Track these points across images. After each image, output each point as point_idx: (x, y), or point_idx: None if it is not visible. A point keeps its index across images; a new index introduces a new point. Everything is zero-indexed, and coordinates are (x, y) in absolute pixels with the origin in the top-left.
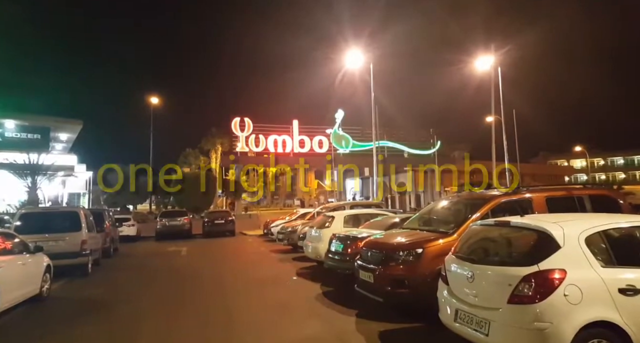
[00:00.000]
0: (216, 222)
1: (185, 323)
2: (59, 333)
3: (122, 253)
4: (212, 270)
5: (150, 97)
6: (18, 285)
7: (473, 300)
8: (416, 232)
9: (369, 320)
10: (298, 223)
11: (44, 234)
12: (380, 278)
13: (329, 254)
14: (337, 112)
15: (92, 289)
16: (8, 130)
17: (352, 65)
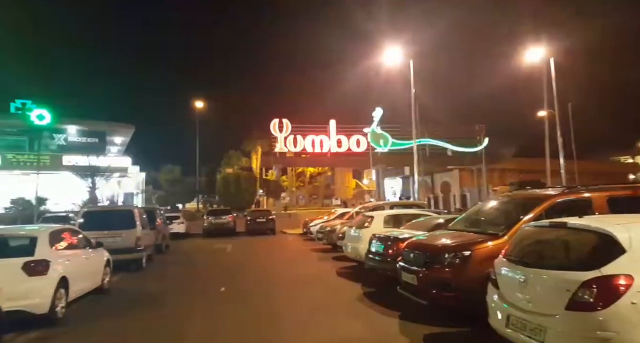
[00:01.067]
0: (258, 221)
1: (230, 317)
2: (121, 322)
3: (172, 250)
4: (256, 267)
5: (196, 101)
6: (83, 277)
7: (526, 305)
8: (463, 234)
9: (412, 323)
10: (337, 223)
11: (103, 231)
12: (425, 281)
13: (369, 254)
14: (375, 110)
15: (146, 282)
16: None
17: (391, 61)
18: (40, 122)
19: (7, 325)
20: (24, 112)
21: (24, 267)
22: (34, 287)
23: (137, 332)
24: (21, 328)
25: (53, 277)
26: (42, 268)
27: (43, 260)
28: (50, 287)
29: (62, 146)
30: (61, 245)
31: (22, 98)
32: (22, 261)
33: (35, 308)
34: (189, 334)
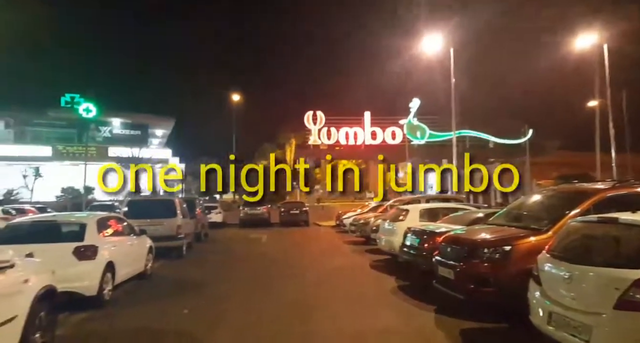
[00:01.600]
0: (291, 212)
1: (266, 305)
2: (163, 306)
3: (211, 238)
4: (290, 257)
5: (233, 94)
6: (128, 262)
7: (571, 303)
8: (503, 228)
9: (448, 317)
10: (370, 216)
11: (146, 219)
12: (462, 276)
13: (404, 248)
14: (411, 101)
15: (186, 269)
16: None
17: (430, 50)
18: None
19: (60, 305)
20: (72, 106)
21: (75, 252)
22: (84, 270)
23: (178, 316)
24: (73, 309)
25: (100, 262)
26: (91, 253)
27: (92, 246)
28: (98, 271)
29: (108, 138)
30: (108, 232)
31: (71, 92)
32: (72, 246)
33: (84, 290)
34: (227, 319)
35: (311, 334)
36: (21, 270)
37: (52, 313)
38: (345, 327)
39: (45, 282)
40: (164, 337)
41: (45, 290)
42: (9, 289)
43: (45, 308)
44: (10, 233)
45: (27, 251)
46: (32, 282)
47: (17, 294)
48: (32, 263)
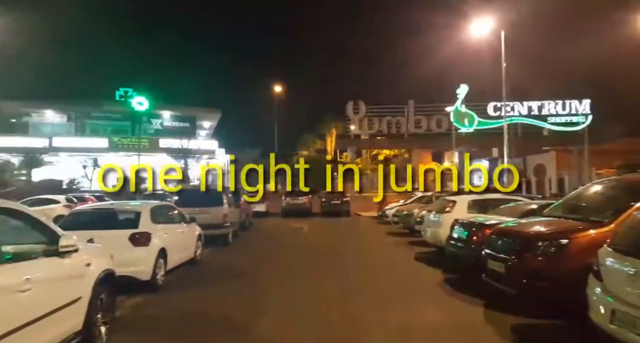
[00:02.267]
0: (333, 202)
1: (311, 294)
2: (212, 291)
3: (255, 227)
4: (332, 247)
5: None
6: (179, 249)
7: (637, 300)
8: (559, 221)
9: (499, 312)
10: (414, 207)
11: (195, 208)
12: (514, 270)
13: (451, 240)
14: (459, 87)
15: (232, 256)
16: (165, 120)
17: (478, 33)
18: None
19: (118, 289)
20: (126, 99)
21: (130, 238)
22: (139, 256)
23: (226, 301)
24: (129, 293)
25: (154, 248)
26: (145, 239)
27: (146, 233)
28: (151, 257)
29: (158, 130)
30: (160, 220)
31: (125, 87)
32: (128, 233)
33: (139, 274)
34: (271, 305)
35: (354, 325)
36: (84, 254)
37: (111, 295)
38: (389, 318)
39: (105, 266)
40: (213, 321)
41: (105, 273)
42: (74, 271)
43: (106, 290)
44: (73, 220)
45: (88, 237)
46: (94, 266)
47: (81, 277)
48: (94, 248)
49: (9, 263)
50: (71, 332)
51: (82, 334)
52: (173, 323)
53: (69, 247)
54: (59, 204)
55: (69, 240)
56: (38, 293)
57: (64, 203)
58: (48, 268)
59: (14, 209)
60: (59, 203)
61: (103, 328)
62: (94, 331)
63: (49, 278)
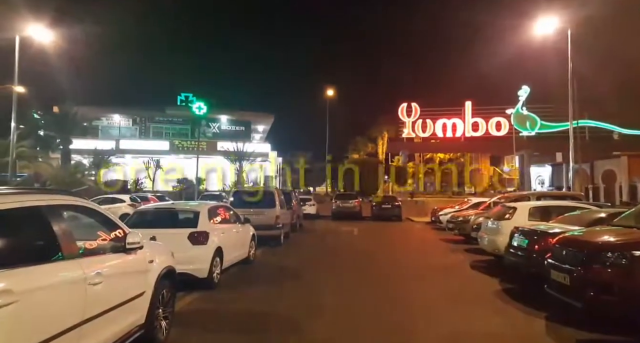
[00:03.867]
0: (383, 207)
1: (363, 297)
2: (266, 290)
3: (305, 229)
4: (383, 252)
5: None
6: (234, 248)
7: None
8: (632, 231)
9: (561, 325)
10: (470, 213)
11: (249, 209)
12: (580, 281)
13: (510, 249)
14: (520, 89)
15: (284, 257)
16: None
17: (542, 32)
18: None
19: (178, 285)
20: (187, 104)
21: (189, 237)
22: (197, 254)
23: (280, 300)
24: (188, 289)
25: (211, 247)
26: (203, 238)
27: (204, 232)
28: (208, 255)
29: (216, 133)
30: (217, 220)
31: (185, 92)
32: (188, 231)
33: (197, 272)
34: (323, 307)
35: (407, 333)
36: (148, 251)
37: (171, 291)
38: (443, 327)
39: (167, 262)
40: (267, 319)
41: (167, 270)
42: (139, 267)
43: (167, 286)
44: (137, 219)
45: (150, 235)
46: (157, 262)
47: (145, 272)
48: (156, 245)
49: (83, 257)
50: (135, 325)
51: (145, 327)
52: (229, 320)
53: (135, 244)
54: (124, 203)
55: (134, 238)
56: (108, 286)
57: (129, 203)
58: (116, 264)
59: (88, 207)
60: (124, 202)
61: (164, 322)
62: (156, 325)
63: (117, 273)
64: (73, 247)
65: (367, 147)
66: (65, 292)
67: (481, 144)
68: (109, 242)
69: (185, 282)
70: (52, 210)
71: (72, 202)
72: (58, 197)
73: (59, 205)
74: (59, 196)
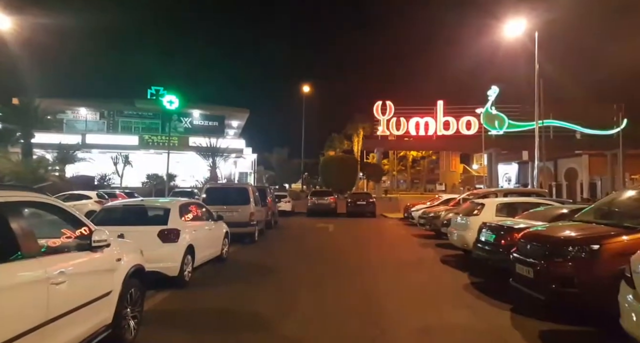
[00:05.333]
0: (358, 203)
1: (336, 292)
2: (239, 288)
3: (280, 226)
4: (357, 248)
5: (303, 86)
6: (206, 246)
7: None
8: (591, 226)
9: (526, 317)
10: (441, 209)
11: (223, 206)
12: (543, 275)
13: (478, 244)
14: (490, 89)
15: (258, 255)
16: (195, 119)
17: (511, 34)
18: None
19: (147, 284)
20: (157, 98)
21: (159, 234)
22: (167, 252)
23: (253, 298)
24: (158, 288)
25: (182, 245)
26: (174, 236)
27: (174, 229)
28: (179, 253)
29: (188, 129)
30: (189, 217)
31: (156, 85)
32: (158, 229)
33: (167, 270)
34: (298, 304)
35: (378, 327)
36: (115, 249)
37: (140, 290)
38: (414, 320)
39: (136, 261)
40: (239, 317)
41: (136, 268)
42: (106, 266)
43: (135, 285)
44: (105, 216)
45: (118, 232)
46: (125, 261)
47: (112, 271)
48: (124, 243)
49: (45, 256)
50: (102, 324)
51: (112, 327)
52: (199, 318)
53: (101, 241)
54: (90, 200)
55: (101, 235)
56: (72, 286)
57: (96, 199)
58: (81, 262)
59: (50, 203)
60: (91, 199)
61: (132, 321)
62: (123, 324)
63: (82, 272)
64: (34, 246)
65: (343, 144)
66: (26, 292)
67: (452, 143)
68: (73, 240)
69: (156, 280)
70: (10, 207)
71: (33, 198)
72: (17, 193)
73: (17, 202)
74: (17, 192)
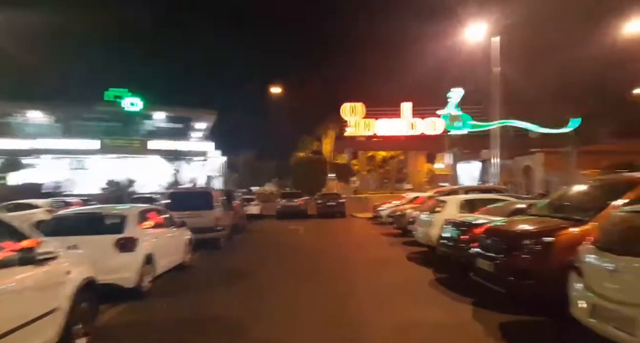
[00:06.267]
0: (328, 204)
1: (306, 296)
2: (201, 297)
3: (248, 230)
4: (327, 249)
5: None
6: (167, 254)
7: (615, 295)
8: (545, 219)
9: (487, 310)
10: (407, 208)
11: (186, 211)
12: (502, 268)
13: (442, 240)
14: (452, 90)
15: (224, 261)
16: (159, 121)
17: (474, 38)
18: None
19: (101, 297)
20: (118, 100)
21: (115, 244)
22: (124, 262)
23: (217, 307)
24: (114, 301)
25: (140, 253)
26: (131, 245)
27: (132, 238)
28: (137, 263)
29: (152, 131)
30: (148, 224)
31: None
32: (114, 238)
33: (124, 281)
34: (266, 310)
35: (347, 326)
36: (64, 262)
37: (93, 304)
38: (381, 318)
39: (87, 273)
40: (202, 327)
41: (87, 281)
42: (52, 280)
43: (86, 299)
44: (56, 225)
45: (71, 243)
46: (74, 274)
47: (60, 286)
48: (75, 255)
49: None
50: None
51: None
52: (157, 331)
53: (47, 254)
54: (39, 209)
55: (46, 247)
56: (9, 304)
57: (46, 208)
58: (22, 278)
59: None
60: (40, 208)
61: (83, 339)
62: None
63: (22, 288)
64: None
65: (313, 145)
66: None
67: (418, 143)
68: (14, 254)
69: (112, 292)
70: None
71: None
72: None
73: None
74: None
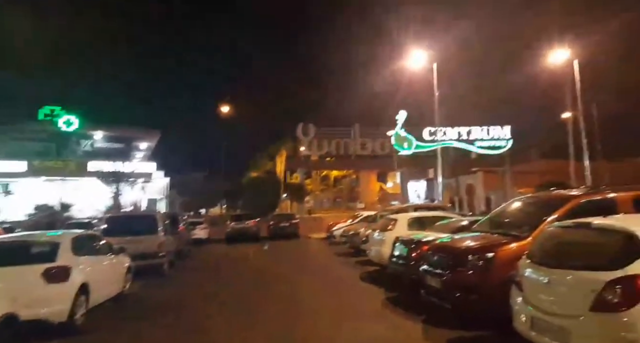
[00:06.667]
0: (281, 225)
1: (253, 323)
2: (141, 329)
3: (194, 256)
4: (278, 273)
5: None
6: (105, 283)
7: (550, 307)
8: (486, 236)
9: (436, 327)
10: (360, 227)
11: (126, 237)
12: (448, 284)
13: (393, 258)
14: (398, 113)
15: (167, 289)
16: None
17: (416, 64)
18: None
19: (25, 335)
20: (52, 119)
21: (44, 274)
22: (54, 293)
23: (157, 339)
24: (40, 337)
25: (73, 284)
26: (63, 274)
27: (63, 267)
28: (69, 294)
29: (89, 152)
30: (82, 251)
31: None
32: (42, 268)
33: (54, 316)
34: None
35: None
36: None
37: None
38: (333, 339)
39: (5, 309)
40: None
41: (5, 318)
42: None
43: (4, 338)
44: None
45: None
46: None
47: None
48: None
49: None
50: None
51: None
52: None
53: None
54: None
55: None
56: None
57: None
58: None
59: None
60: None
61: None
62: None
63: None
64: None
65: (266, 164)
66: None
67: (369, 162)
68: None
69: (40, 328)
70: None
71: None
72: None
73: None
74: None
